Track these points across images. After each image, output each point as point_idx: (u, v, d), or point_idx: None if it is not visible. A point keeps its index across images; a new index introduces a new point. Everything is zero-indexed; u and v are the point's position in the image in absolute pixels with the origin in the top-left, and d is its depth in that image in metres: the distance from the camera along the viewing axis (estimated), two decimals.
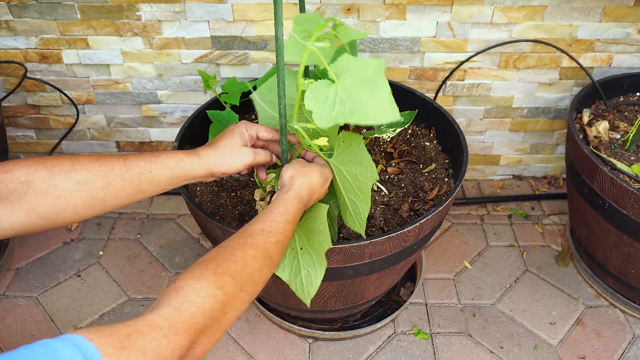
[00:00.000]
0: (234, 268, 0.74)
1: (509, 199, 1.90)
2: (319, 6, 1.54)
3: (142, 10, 1.56)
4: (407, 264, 1.30)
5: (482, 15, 1.56)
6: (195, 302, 0.67)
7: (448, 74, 1.69)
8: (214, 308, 0.68)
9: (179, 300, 0.66)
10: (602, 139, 1.49)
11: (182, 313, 0.65)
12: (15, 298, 1.57)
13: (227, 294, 0.71)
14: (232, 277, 0.73)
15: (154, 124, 1.84)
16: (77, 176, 0.79)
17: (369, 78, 0.80)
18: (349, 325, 1.50)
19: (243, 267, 0.75)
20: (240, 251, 0.78)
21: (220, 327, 0.70)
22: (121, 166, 0.83)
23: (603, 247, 1.46)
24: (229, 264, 0.74)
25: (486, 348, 1.45)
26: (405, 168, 1.36)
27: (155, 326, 0.62)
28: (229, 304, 0.71)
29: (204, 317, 0.67)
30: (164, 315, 0.64)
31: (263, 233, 0.83)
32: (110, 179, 0.81)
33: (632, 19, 1.58)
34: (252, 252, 0.78)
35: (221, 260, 0.74)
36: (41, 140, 1.90)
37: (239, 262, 0.76)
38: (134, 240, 1.76)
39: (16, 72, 1.69)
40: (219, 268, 0.73)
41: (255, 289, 0.77)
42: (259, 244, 0.81)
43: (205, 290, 0.69)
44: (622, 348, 1.45)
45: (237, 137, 0.95)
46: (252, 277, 0.76)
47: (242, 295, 0.74)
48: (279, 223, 0.85)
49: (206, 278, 0.70)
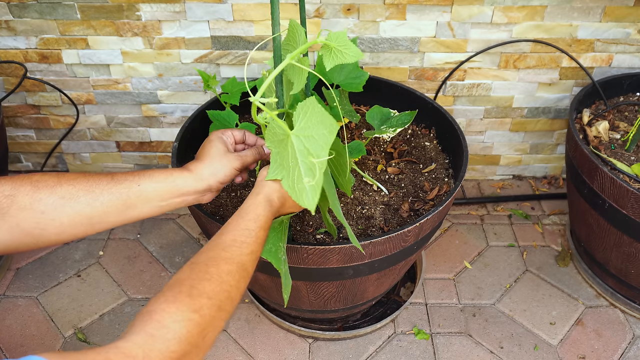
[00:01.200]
0: (210, 288, 0.70)
1: (509, 199, 1.90)
2: (318, 6, 1.54)
3: (142, 10, 1.56)
4: (407, 264, 1.30)
5: (482, 15, 1.56)
6: (171, 328, 0.62)
7: (448, 74, 1.69)
8: (192, 333, 0.64)
9: (153, 326, 0.61)
10: (602, 139, 1.49)
11: (156, 340, 0.60)
12: (15, 298, 1.57)
13: (205, 316, 0.66)
14: (208, 298, 0.68)
15: (154, 124, 1.84)
16: (62, 191, 0.75)
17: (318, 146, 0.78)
18: (349, 325, 1.50)
19: (219, 285, 0.71)
20: (214, 267, 0.73)
21: (199, 352, 0.65)
22: (108, 181, 0.79)
23: (603, 247, 1.46)
24: (204, 283, 0.69)
25: (486, 348, 1.45)
26: (405, 168, 1.36)
27: (127, 354, 0.57)
28: (208, 326, 0.66)
29: (181, 344, 0.62)
30: (137, 342, 0.59)
31: (236, 244, 0.78)
32: (96, 194, 0.77)
33: (632, 19, 1.58)
34: (227, 268, 0.73)
35: (195, 281, 0.69)
36: (41, 140, 1.90)
37: (214, 280, 0.71)
38: (134, 240, 1.76)
39: (16, 72, 1.69)
40: (193, 290, 0.68)
41: (232, 305, 0.73)
42: (234, 257, 0.76)
43: (181, 315, 0.64)
44: (622, 348, 1.45)
45: (219, 145, 0.92)
46: (229, 294, 0.72)
47: (220, 315, 0.69)
48: (252, 231, 0.80)
49: (180, 301, 0.65)
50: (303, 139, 0.80)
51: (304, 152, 0.80)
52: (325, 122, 0.79)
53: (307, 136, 0.80)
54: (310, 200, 0.79)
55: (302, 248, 1.06)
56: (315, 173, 0.78)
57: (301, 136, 0.80)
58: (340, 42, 0.82)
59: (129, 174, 0.82)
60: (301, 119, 0.80)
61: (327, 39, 0.82)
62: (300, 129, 0.80)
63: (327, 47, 0.83)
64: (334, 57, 0.83)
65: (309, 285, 1.21)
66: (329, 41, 0.82)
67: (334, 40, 0.82)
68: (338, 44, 0.82)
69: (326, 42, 0.82)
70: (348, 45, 0.82)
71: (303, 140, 0.80)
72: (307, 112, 0.80)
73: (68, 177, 0.77)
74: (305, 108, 0.81)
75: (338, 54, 0.82)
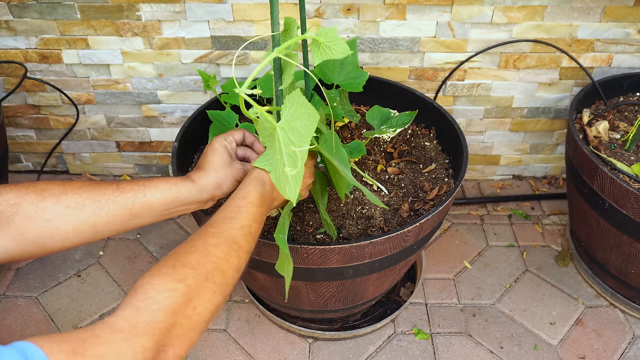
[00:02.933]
0: (195, 259, 0.69)
1: (509, 199, 1.90)
2: (318, 6, 1.54)
3: (142, 10, 1.56)
4: (407, 264, 1.30)
5: (482, 15, 1.56)
6: (156, 298, 0.62)
7: (448, 74, 1.69)
8: (177, 302, 0.63)
9: (138, 298, 0.62)
10: (602, 139, 1.49)
11: (142, 312, 0.60)
12: (15, 298, 1.57)
13: (190, 286, 0.66)
14: (193, 268, 0.68)
15: (154, 124, 1.84)
16: (67, 200, 0.75)
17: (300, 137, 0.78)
18: (349, 325, 1.50)
19: (205, 256, 0.71)
20: (200, 242, 0.73)
21: (192, 325, 0.65)
22: (114, 190, 0.79)
23: (603, 247, 1.46)
24: (188, 256, 0.70)
25: (486, 348, 1.45)
26: (405, 168, 1.36)
27: (114, 329, 0.57)
28: (195, 297, 0.66)
29: (168, 314, 0.62)
30: (123, 316, 0.59)
31: (225, 220, 0.78)
32: (102, 203, 0.78)
33: (632, 19, 1.58)
34: (214, 241, 0.73)
35: (180, 254, 0.70)
36: (41, 140, 1.90)
37: (199, 252, 0.71)
38: (134, 240, 1.76)
39: (16, 72, 1.69)
40: (177, 262, 0.68)
41: (224, 278, 0.71)
42: (222, 231, 0.76)
43: (165, 285, 0.64)
44: (622, 348, 1.45)
45: (224, 153, 0.91)
46: (217, 265, 0.71)
47: (208, 286, 0.68)
48: (241, 207, 0.80)
49: (164, 273, 0.66)
50: (287, 130, 0.80)
51: (288, 143, 0.80)
52: (308, 113, 0.78)
53: (291, 127, 0.79)
54: (291, 190, 0.79)
55: (302, 248, 1.06)
56: (297, 163, 0.78)
57: (286, 128, 0.80)
58: (329, 38, 0.82)
59: (134, 183, 0.83)
60: (287, 112, 0.80)
61: (317, 34, 0.83)
62: (286, 121, 0.80)
63: (316, 42, 0.83)
64: (322, 52, 0.83)
65: (309, 285, 1.21)
66: (318, 37, 0.82)
67: (323, 35, 0.82)
68: (327, 40, 0.82)
69: (315, 38, 0.82)
70: (337, 41, 0.82)
71: (287, 132, 0.80)
72: (292, 105, 0.80)
73: (73, 186, 0.77)
74: (291, 101, 0.81)
75: (326, 49, 0.82)
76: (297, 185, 0.79)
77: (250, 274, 1.25)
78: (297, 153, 0.78)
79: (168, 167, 1.98)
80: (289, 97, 0.81)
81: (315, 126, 0.78)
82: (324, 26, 1.58)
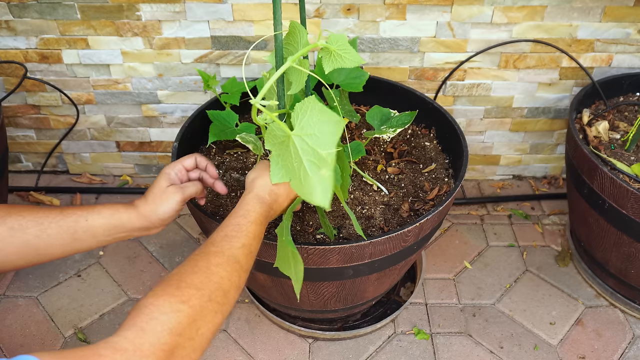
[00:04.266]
0: (199, 279, 0.70)
1: (509, 199, 1.90)
2: (318, 6, 1.54)
3: (142, 10, 1.56)
4: (407, 264, 1.30)
5: (482, 15, 1.56)
6: (160, 320, 0.62)
7: (448, 74, 1.69)
8: (182, 324, 0.64)
9: (142, 319, 0.62)
10: (602, 139, 1.49)
11: (147, 333, 0.61)
12: (15, 298, 1.57)
13: (194, 307, 0.66)
14: (197, 289, 0.69)
15: (154, 124, 1.84)
16: (11, 222, 0.77)
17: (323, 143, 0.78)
18: (349, 325, 1.50)
19: (208, 276, 0.71)
20: (203, 261, 0.74)
21: (195, 346, 0.65)
22: (57, 214, 0.81)
23: (603, 247, 1.46)
24: (192, 276, 0.70)
25: (486, 348, 1.45)
26: (405, 168, 1.36)
27: (117, 349, 0.58)
28: (199, 317, 0.67)
29: (172, 336, 0.62)
30: (127, 337, 0.60)
31: (226, 239, 0.79)
32: (45, 226, 0.79)
33: (632, 19, 1.58)
34: (216, 260, 0.74)
35: (183, 275, 0.71)
36: (41, 140, 1.90)
37: (202, 272, 0.72)
38: (134, 240, 1.76)
39: (16, 72, 1.69)
40: (181, 282, 0.69)
41: (226, 297, 0.72)
42: (223, 250, 0.77)
43: (169, 306, 0.64)
44: (622, 348, 1.45)
45: (162, 181, 0.93)
46: (220, 285, 0.72)
47: (211, 307, 0.69)
48: (242, 226, 0.82)
49: (168, 293, 0.66)
50: (305, 137, 0.79)
51: (308, 151, 0.79)
52: (328, 119, 0.78)
53: (309, 134, 0.79)
54: (321, 196, 0.77)
55: (302, 248, 1.06)
56: (324, 167, 0.77)
57: (303, 135, 0.80)
58: (340, 45, 0.82)
59: (78, 208, 0.85)
60: (300, 119, 0.80)
61: (328, 41, 0.82)
62: (301, 128, 0.80)
63: (326, 50, 0.83)
64: (332, 60, 0.83)
65: (309, 285, 1.21)
66: (329, 44, 0.81)
67: (334, 43, 0.82)
68: (338, 48, 0.82)
69: (326, 46, 0.82)
70: (348, 49, 0.82)
71: (306, 140, 0.79)
72: (306, 112, 0.80)
73: (18, 209, 0.79)
74: (304, 107, 0.80)
75: (337, 57, 0.82)
76: (327, 190, 0.77)
77: (250, 274, 1.25)
78: (324, 156, 0.77)
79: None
80: (302, 104, 0.80)
81: (341, 129, 0.77)
82: (324, 26, 1.58)
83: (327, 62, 0.83)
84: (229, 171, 1.34)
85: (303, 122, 0.80)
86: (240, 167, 1.35)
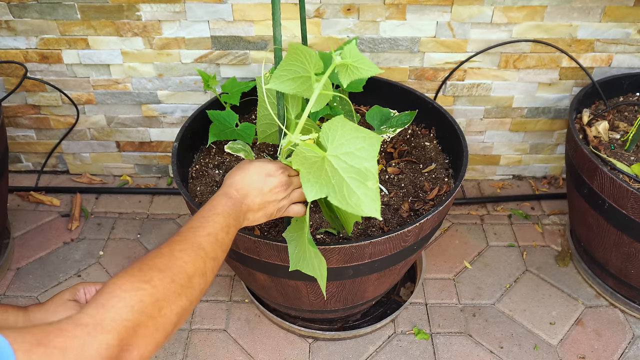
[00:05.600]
0: (162, 262, 0.71)
1: (509, 199, 1.90)
2: (318, 6, 1.54)
3: (142, 11, 1.56)
4: (407, 264, 1.30)
5: (482, 15, 1.56)
6: (122, 296, 0.63)
7: (448, 74, 1.69)
8: (144, 302, 0.65)
9: (104, 297, 0.63)
10: (601, 139, 1.49)
11: (107, 309, 0.61)
12: (15, 298, 1.57)
13: (157, 286, 0.67)
14: (159, 270, 0.70)
15: (154, 124, 1.84)
16: None
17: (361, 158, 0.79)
18: (349, 325, 1.50)
19: (171, 260, 0.72)
20: (166, 248, 0.75)
21: (158, 326, 0.66)
22: None
23: (603, 247, 1.46)
24: (155, 259, 0.72)
25: (486, 348, 1.45)
26: (405, 168, 1.36)
27: (79, 324, 0.58)
28: (161, 297, 0.67)
29: (134, 313, 0.63)
30: (89, 312, 0.60)
31: (191, 230, 0.80)
32: None
33: (632, 19, 1.58)
34: (179, 247, 0.75)
35: (147, 259, 0.72)
36: (41, 140, 1.90)
37: (165, 256, 0.73)
38: (134, 240, 1.76)
39: (16, 72, 1.69)
40: (144, 265, 0.70)
41: (190, 281, 0.73)
42: (187, 238, 0.78)
43: (131, 284, 0.65)
44: (622, 348, 1.46)
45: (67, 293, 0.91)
46: (182, 268, 0.72)
47: (174, 288, 0.70)
48: (207, 217, 0.83)
49: (130, 274, 0.67)
50: (342, 156, 0.81)
51: (348, 169, 0.81)
52: (363, 135, 0.80)
53: (346, 153, 0.81)
54: (371, 207, 0.79)
55: None
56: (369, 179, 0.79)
57: (339, 154, 0.81)
58: (354, 57, 0.83)
59: None
60: (332, 139, 0.82)
61: (342, 56, 0.83)
62: (334, 148, 0.82)
63: (343, 66, 0.83)
64: (350, 73, 0.84)
65: (309, 285, 1.21)
66: (344, 59, 0.82)
67: (349, 56, 0.83)
68: (353, 60, 0.83)
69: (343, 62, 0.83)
70: (362, 60, 0.83)
71: (343, 158, 0.81)
72: (337, 130, 0.82)
73: None
74: (333, 127, 0.82)
75: (354, 70, 0.83)
76: (376, 201, 0.79)
77: (250, 274, 1.25)
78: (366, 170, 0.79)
79: (168, 167, 1.98)
80: (330, 124, 0.82)
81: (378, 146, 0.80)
82: (324, 26, 1.58)
83: (343, 76, 0.84)
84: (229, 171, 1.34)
85: (335, 141, 0.82)
86: None
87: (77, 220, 1.81)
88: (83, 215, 1.84)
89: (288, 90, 0.87)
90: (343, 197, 0.82)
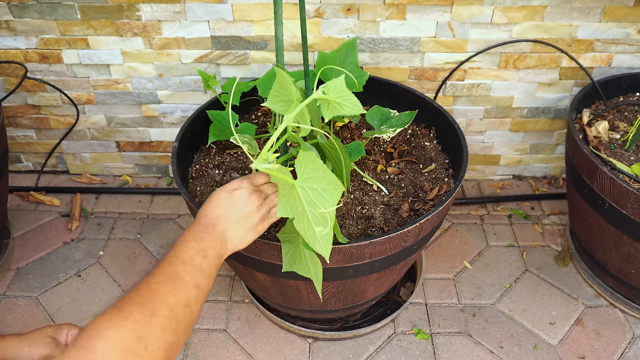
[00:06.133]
0: (140, 298, 0.71)
1: (509, 199, 1.90)
2: (318, 6, 1.54)
3: (142, 11, 1.56)
4: (407, 264, 1.30)
5: (482, 15, 1.56)
6: (105, 336, 0.62)
7: (448, 74, 1.69)
8: (126, 339, 0.63)
9: (86, 338, 0.62)
10: (601, 139, 1.49)
11: (89, 351, 0.60)
12: (15, 298, 1.57)
13: (137, 321, 0.66)
14: (138, 305, 0.69)
15: (154, 124, 1.84)
16: None
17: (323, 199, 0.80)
18: (349, 325, 1.50)
19: (149, 293, 0.72)
20: (143, 284, 0.74)
21: None
22: None
23: (603, 247, 1.46)
24: (133, 297, 0.71)
25: (486, 348, 1.45)
26: (405, 168, 1.36)
27: None
28: (145, 334, 0.66)
29: (117, 353, 0.62)
30: (70, 355, 0.59)
31: (165, 262, 0.79)
32: None
33: (632, 19, 1.58)
34: (156, 280, 0.74)
35: (125, 298, 0.71)
36: (41, 140, 1.90)
37: (143, 292, 0.72)
38: (134, 240, 1.76)
39: (16, 72, 1.69)
40: (123, 303, 0.69)
41: (172, 313, 0.72)
42: (163, 270, 0.77)
43: (110, 322, 0.64)
44: (621, 348, 1.46)
45: (49, 329, 0.91)
46: (163, 301, 0.71)
47: (157, 321, 0.68)
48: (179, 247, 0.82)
49: (110, 313, 0.67)
50: (308, 190, 0.82)
51: (311, 203, 0.81)
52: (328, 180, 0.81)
53: (311, 188, 0.81)
54: (323, 248, 0.82)
55: None
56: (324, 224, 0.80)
57: (305, 187, 0.82)
58: (338, 93, 0.81)
59: None
60: (303, 170, 0.82)
61: (325, 90, 0.80)
62: (303, 179, 0.82)
63: (324, 101, 0.82)
64: (332, 109, 0.83)
65: (309, 285, 1.21)
66: (327, 93, 0.80)
67: (332, 91, 0.80)
68: (336, 96, 0.81)
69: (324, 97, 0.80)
70: (347, 96, 0.81)
71: (308, 192, 0.82)
72: (308, 164, 0.82)
73: None
74: (305, 159, 0.82)
75: (337, 106, 0.82)
76: (328, 243, 0.82)
77: (250, 274, 1.25)
78: (324, 215, 0.80)
79: (168, 167, 1.98)
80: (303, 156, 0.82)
81: (340, 193, 0.80)
82: (324, 26, 1.58)
83: (326, 111, 0.83)
84: (229, 171, 1.34)
85: (305, 174, 0.82)
86: (240, 167, 1.35)
87: (77, 220, 1.81)
88: (83, 215, 1.84)
89: (279, 111, 0.88)
90: (304, 227, 0.83)
